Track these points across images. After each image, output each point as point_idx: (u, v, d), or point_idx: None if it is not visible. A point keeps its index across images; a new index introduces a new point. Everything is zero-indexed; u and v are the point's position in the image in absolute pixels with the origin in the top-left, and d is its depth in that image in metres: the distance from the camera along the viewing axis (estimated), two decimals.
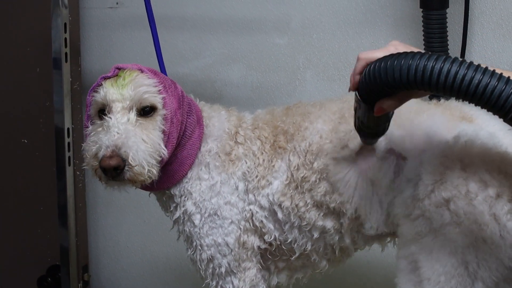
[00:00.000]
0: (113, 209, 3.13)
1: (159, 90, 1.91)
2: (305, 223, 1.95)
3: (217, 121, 2.06)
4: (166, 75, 2.28)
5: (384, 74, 1.48)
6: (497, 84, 1.36)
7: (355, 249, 2.04)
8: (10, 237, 3.17)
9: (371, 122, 1.64)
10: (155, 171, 1.88)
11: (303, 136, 1.96)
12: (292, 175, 1.95)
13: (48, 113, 2.95)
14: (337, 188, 1.88)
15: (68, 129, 2.84)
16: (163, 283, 3.10)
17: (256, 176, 1.99)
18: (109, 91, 1.90)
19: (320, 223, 1.94)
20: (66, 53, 2.80)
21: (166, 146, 1.91)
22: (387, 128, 1.68)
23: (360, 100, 1.60)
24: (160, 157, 1.90)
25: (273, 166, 1.98)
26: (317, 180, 1.91)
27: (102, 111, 1.92)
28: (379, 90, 1.53)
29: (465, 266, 1.68)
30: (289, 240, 2.00)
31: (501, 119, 1.40)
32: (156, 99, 1.90)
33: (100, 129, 1.89)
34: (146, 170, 1.85)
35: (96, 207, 3.16)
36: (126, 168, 1.83)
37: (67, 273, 2.97)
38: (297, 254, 2.04)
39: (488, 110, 1.41)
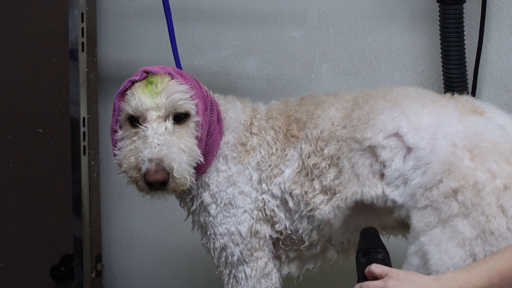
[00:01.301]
0: (126, 200, 3.14)
1: (192, 96, 1.92)
2: (309, 209, 1.96)
3: (233, 113, 2.08)
4: (181, 67, 2.30)
5: None
6: None
7: None
8: (24, 227, 3.18)
9: None
10: (194, 178, 1.91)
11: (315, 123, 1.97)
12: (303, 162, 1.96)
13: (63, 103, 2.96)
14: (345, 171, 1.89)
15: (83, 118, 2.85)
16: (176, 273, 3.10)
17: (269, 166, 2.01)
18: (142, 99, 1.89)
19: (323, 206, 1.95)
20: (82, 43, 2.80)
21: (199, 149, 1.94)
22: None
23: None
24: (197, 162, 1.93)
25: (286, 154, 2.00)
26: (327, 166, 1.93)
27: (133, 118, 1.92)
28: None
29: (473, 259, 1.68)
30: (299, 230, 2.02)
31: None
32: (191, 106, 1.92)
33: (135, 138, 1.90)
34: (188, 179, 1.89)
35: (109, 198, 3.16)
36: (170, 180, 1.85)
37: (80, 262, 2.98)
38: (306, 244, 2.05)
39: None
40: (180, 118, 1.91)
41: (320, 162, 1.94)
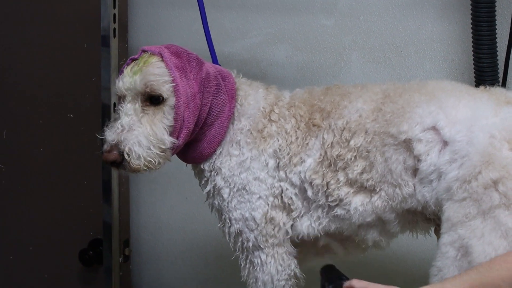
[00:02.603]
0: (155, 186, 3.15)
1: (171, 79, 1.95)
2: (332, 199, 1.97)
3: (253, 100, 2.09)
4: (214, 53, 2.31)
5: None
6: None
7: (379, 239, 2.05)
8: (54, 211, 3.21)
9: None
10: (157, 160, 1.95)
11: (340, 114, 1.97)
12: (325, 153, 1.96)
13: (94, 89, 2.98)
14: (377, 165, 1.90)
15: (114, 104, 2.87)
16: (203, 260, 3.11)
17: (288, 154, 2.01)
18: (123, 80, 1.97)
19: (349, 199, 1.95)
20: (114, 29, 2.82)
21: (179, 132, 1.97)
22: None
23: None
24: (165, 145, 1.95)
25: (307, 144, 2.00)
26: (353, 158, 1.93)
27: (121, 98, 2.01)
28: None
29: None
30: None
31: None
32: (162, 89, 1.95)
33: (116, 117, 1.98)
34: (143, 162, 1.93)
35: (138, 183, 3.18)
36: (125, 161, 1.92)
37: (109, 247, 3.00)
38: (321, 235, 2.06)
39: None
40: (156, 100, 1.96)
41: (345, 153, 1.94)
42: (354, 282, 1.68)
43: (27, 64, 3.16)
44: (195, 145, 2.06)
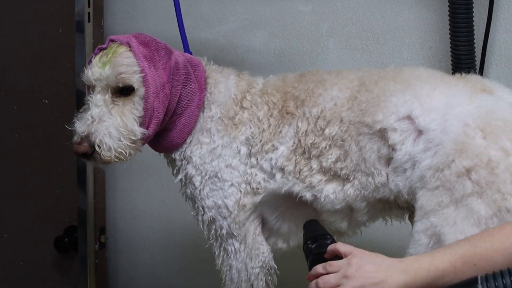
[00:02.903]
0: (131, 173, 3.14)
1: (140, 69, 1.93)
2: (304, 186, 1.96)
3: (223, 87, 2.07)
4: (186, 40, 2.29)
5: None
6: None
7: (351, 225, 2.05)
8: (29, 198, 3.19)
9: None
10: (127, 151, 1.94)
11: (315, 102, 1.96)
12: (299, 141, 1.95)
13: (69, 75, 2.95)
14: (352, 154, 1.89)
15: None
16: (180, 247, 3.10)
17: (260, 141, 2.00)
18: (92, 69, 1.94)
19: (321, 187, 1.95)
20: (89, 13, 2.79)
21: (149, 122, 1.95)
22: None
23: None
24: (135, 136, 1.94)
25: (280, 131, 1.99)
26: (327, 147, 1.92)
27: (90, 88, 1.99)
28: None
29: None
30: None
31: None
32: (132, 80, 1.93)
33: (86, 107, 1.96)
34: (114, 153, 1.92)
35: (115, 170, 3.16)
36: (95, 153, 1.91)
37: (84, 234, 2.99)
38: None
39: None
40: (125, 91, 1.94)
41: (320, 141, 1.93)
42: (339, 245, 1.67)
43: (0, 50, 3.13)
44: (165, 135, 2.05)
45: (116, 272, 3.26)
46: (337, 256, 1.67)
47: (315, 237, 1.76)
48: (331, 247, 1.69)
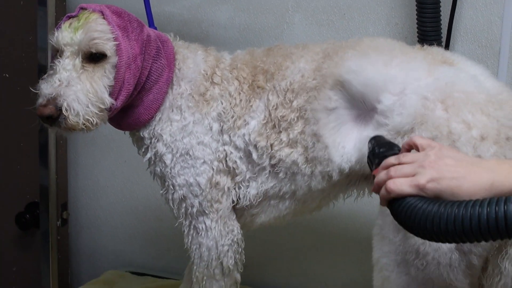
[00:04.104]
0: (94, 148, 3.11)
1: (114, 37, 1.90)
2: (274, 162, 1.95)
3: (192, 63, 2.05)
4: (152, 17, 2.26)
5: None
6: None
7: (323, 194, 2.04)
8: None
9: None
10: (95, 119, 1.89)
11: (283, 75, 1.95)
12: (270, 114, 1.95)
13: (31, 49, 2.91)
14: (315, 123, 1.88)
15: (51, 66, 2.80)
16: (142, 223, 3.09)
17: (232, 117, 1.99)
18: (62, 34, 1.90)
19: (290, 159, 1.94)
20: None
21: (118, 93, 1.92)
22: None
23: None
24: (104, 105, 1.90)
25: (251, 106, 1.98)
26: (295, 119, 1.91)
27: (57, 53, 1.94)
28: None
29: None
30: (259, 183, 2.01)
31: None
32: (106, 47, 1.90)
33: (51, 71, 1.91)
34: (81, 119, 1.86)
35: (77, 146, 3.13)
36: (61, 117, 1.85)
37: (46, 210, 2.95)
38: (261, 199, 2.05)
39: None
40: (96, 58, 1.90)
41: (289, 114, 1.92)
42: (417, 137, 1.52)
43: None
44: (131, 111, 2.01)
45: (78, 249, 3.24)
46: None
47: (382, 144, 1.59)
48: (407, 141, 1.55)
